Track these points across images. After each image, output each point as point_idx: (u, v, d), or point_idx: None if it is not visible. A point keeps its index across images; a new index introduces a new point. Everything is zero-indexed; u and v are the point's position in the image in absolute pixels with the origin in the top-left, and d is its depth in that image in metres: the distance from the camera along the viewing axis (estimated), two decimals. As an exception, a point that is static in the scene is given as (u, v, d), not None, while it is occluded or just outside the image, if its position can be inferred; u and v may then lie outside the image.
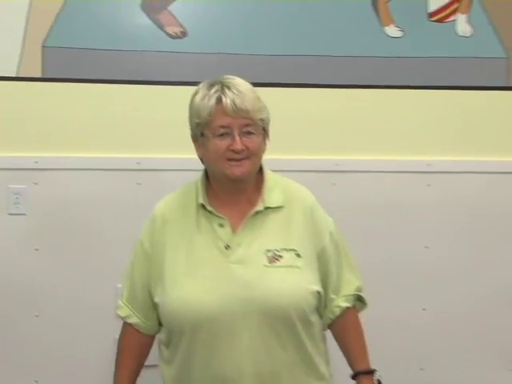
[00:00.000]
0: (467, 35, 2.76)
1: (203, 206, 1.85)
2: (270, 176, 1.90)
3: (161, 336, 1.94)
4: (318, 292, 1.85)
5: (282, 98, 2.61)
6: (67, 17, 2.56)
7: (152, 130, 2.61)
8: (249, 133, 1.81)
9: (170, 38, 2.62)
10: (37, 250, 2.57)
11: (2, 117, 2.56)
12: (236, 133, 1.79)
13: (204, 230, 1.84)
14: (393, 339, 2.68)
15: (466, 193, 2.74)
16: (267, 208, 1.85)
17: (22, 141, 2.58)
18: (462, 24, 2.75)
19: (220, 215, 1.84)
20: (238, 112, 1.78)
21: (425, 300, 2.74)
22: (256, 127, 1.82)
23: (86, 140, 2.60)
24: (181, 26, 2.63)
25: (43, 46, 2.57)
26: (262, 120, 1.83)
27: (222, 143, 1.81)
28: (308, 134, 2.67)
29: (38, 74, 2.56)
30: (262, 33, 2.64)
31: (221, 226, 1.84)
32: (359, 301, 1.96)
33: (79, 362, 2.59)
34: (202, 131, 1.83)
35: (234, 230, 1.83)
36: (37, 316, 2.59)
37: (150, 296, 1.90)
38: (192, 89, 1.90)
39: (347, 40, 2.68)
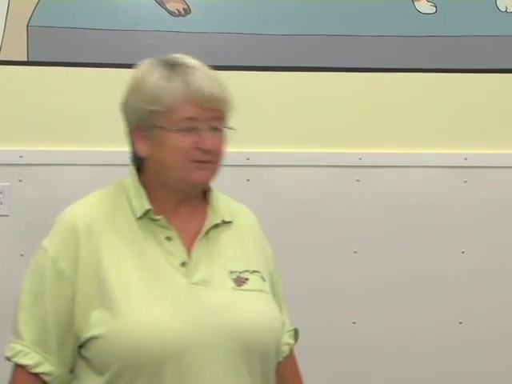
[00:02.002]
0: (511, 10, 2.66)
1: (146, 215, 1.60)
2: (212, 185, 1.70)
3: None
4: (283, 323, 1.70)
5: (297, 84, 2.57)
6: (56, -8, 2.49)
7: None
8: (216, 129, 1.58)
9: (171, 16, 2.56)
10: (22, 255, 2.43)
11: (-19, 106, 2.51)
12: (206, 127, 1.56)
13: (150, 241, 1.59)
14: (427, 354, 2.61)
15: (508, 191, 2.66)
16: (222, 222, 1.65)
17: (5, 133, 2.51)
18: (504, -3, 2.65)
19: (168, 226, 1.60)
20: (212, 102, 1.56)
21: (461, 313, 2.65)
22: (224, 122, 1.61)
23: (77, 132, 2.53)
24: (183, 2, 2.56)
25: (28, 26, 2.50)
26: (227, 115, 1.63)
27: (186, 140, 1.56)
28: (326, 124, 2.60)
29: (23, 58, 2.51)
30: (275, 10, 2.57)
31: (168, 239, 1.60)
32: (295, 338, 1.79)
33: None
34: (156, 122, 1.57)
35: (185, 245, 1.60)
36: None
37: (71, 331, 1.57)
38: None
39: (373, 17, 2.61)
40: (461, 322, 2.66)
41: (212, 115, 1.57)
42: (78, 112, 2.52)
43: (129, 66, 2.18)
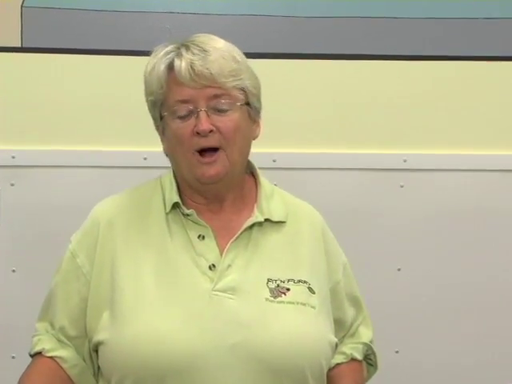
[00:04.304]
0: None
1: (177, 207, 1.60)
2: (264, 181, 1.68)
3: None
4: (336, 345, 1.63)
5: (329, 74, 2.47)
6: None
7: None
8: (220, 109, 1.56)
9: (185, -4, 2.49)
10: (14, 271, 2.41)
11: (-33, 99, 2.47)
12: (201, 108, 1.54)
13: (178, 240, 1.59)
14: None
15: None
16: (267, 221, 1.62)
17: (-5, 130, 2.47)
18: None
19: (201, 222, 1.58)
20: (197, 78, 1.53)
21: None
22: (231, 99, 1.56)
23: (78, 129, 2.45)
24: (201, -21, 2.48)
25: (22, 7, 2.41)
26: (242, 90, 1.58)
27: (185, 126, 1.55)
28: (364, 120, 2.49)
29: (16, 43, 2.42)
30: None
31: (201, 237, 1.58)
32: (368, 358, 1.76)
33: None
34: (160, 112, 1.61)
35: (220, 246, 1.58)
36: (13, 358, 2.40)
37: (84, 329, 1.62)
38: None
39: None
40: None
41: (210, 93, 1.54)
42: (80, 106, 2.45)
43: (137, 54, 2.35)
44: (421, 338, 2.43)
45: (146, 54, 2.45)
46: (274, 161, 2.39)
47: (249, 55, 2.19)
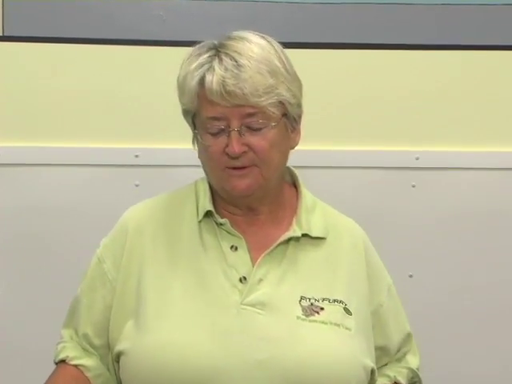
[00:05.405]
0: None
1: (210, 216, 1.61)
2: (306, 192, 1.68)
3: None
4: (373, 370, 1.61)
5: (338, 65, 2.41)
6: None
7: (160, 110, 2.41)
8: (255, 128, 1.55)
9: (183, -20, 2.45)
10: None
11: None
12: (233, 128, 1.54)
13: (209, 250, 1.60)
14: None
15: None
16: (305, 236, 1.61)
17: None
18: None
19: (235, 233, 1.59)
20: (229, 97, 1.52)
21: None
22: (266, 118, 1.55)
23: (66, 125, 2.39)
24: (198, -38, 2.44)
25: None
26: (280, 104, 1.56)
27: (216, 143, 1.55)
28: (374, 115, 2.44)
29: None
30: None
31: (234, 248, 1.59)
32: None
33: None
34: (193, 121, 1.61)
35: (253, 259, 1.59)
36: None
37: (104, 343, 1.64)
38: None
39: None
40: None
41: (243, 112, 1.53)
42: (67, 100, 2.39)
43: (128, 43, 2.38)
44: (435, 349, 2.38)
45: (138, 43, 2.39)
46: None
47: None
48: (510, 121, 2.46)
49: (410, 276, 2.36)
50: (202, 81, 1.54)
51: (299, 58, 2.46)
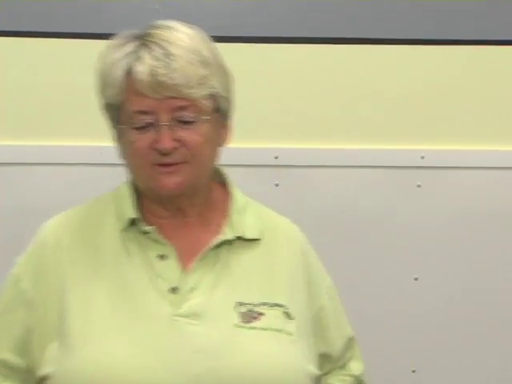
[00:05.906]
0: None
1: (135, 223, 1.55)
2: (237, 192, 1.63)
3: None
4: (318, 378, 1.58)
5: (338, 61, 2.38)
6: None
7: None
8: (185, 121, 1.51)
9: (178, -28, 2.42)
10: None
11: None
12: (164, 122, 1.49)
13: (135, 261, 1.54)
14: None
15: None
16: (238, 238, 1.57)
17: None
18: None
19: (161, 240, 1.54)
20: (159, 89, 1.47)
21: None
22: (198, 111, 1.51)
23: (57, 122, 2.36)
24: (193, -46, 2.41)
25: None
26: (211, 97, 1.52)
27: (142, 139, 1.49)
28: (378, 112, 2.39)
29: None
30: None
31: (161, 257, 1.53)
32: None
33: None
34: (114, 118, 1.55)
35: (183, 266, 1.54)
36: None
37: (26, 367, 1.56)
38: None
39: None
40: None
41: (174, 105, 1.48)
42: (58, 96, 2.35)
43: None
44: (441, 355, 2.35)
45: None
46: (276, 157, 2.33)
47: (245, 39, 2.06)
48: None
49: (416, 279, 2.33)
50: (129, 71, 1.48)
51: (302, 53, 2.38)
